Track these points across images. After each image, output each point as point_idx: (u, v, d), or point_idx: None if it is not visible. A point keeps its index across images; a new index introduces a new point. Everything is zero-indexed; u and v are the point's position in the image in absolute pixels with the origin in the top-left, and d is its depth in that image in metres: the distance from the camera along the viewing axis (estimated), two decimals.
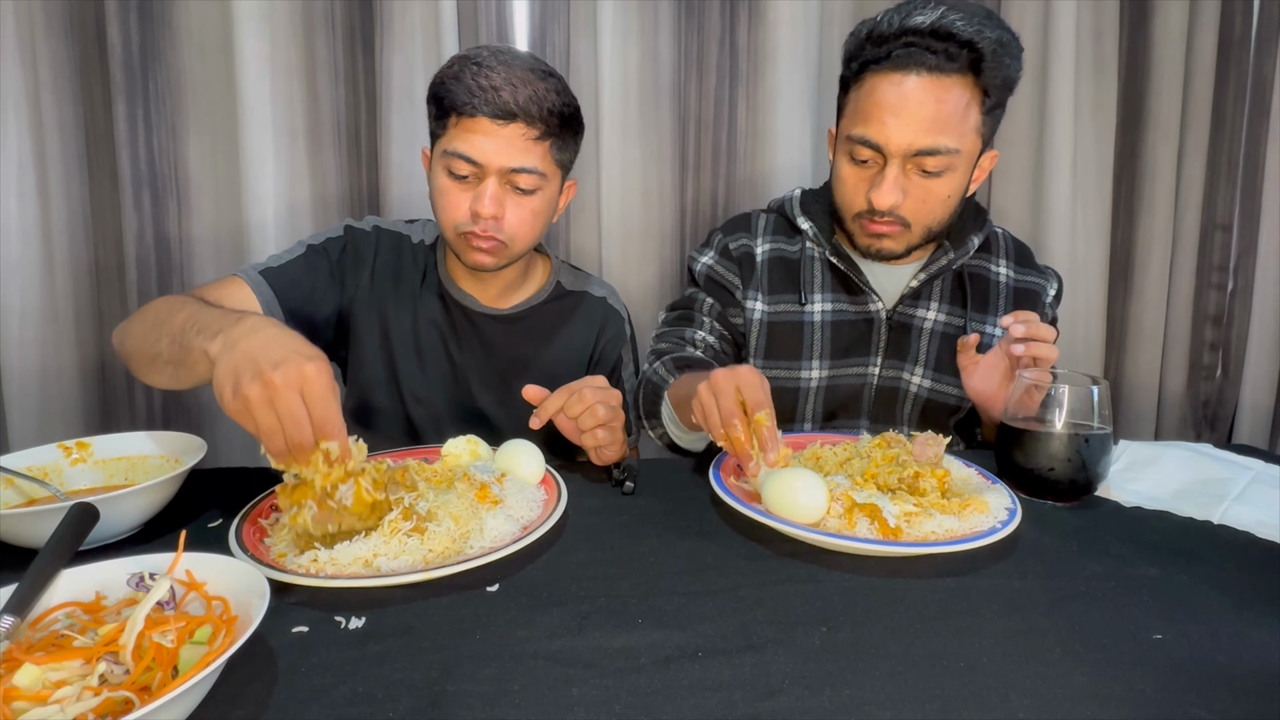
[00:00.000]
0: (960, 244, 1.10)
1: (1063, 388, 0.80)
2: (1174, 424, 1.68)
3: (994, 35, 0.92)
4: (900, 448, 0.80)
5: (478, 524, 0.68)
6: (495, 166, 0.94)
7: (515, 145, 0.94)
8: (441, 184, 0.98)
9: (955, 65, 0.93)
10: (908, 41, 0.93)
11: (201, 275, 1.49)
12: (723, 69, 1.52)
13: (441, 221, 1.00)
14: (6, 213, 1.37)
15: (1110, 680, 0.51)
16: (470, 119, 0.93)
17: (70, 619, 0.51)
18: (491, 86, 0.92)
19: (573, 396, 0.85)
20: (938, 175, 0.98)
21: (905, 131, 0.95)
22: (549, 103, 0.94)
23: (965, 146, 0.97)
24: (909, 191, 0.99)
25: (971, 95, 0.95)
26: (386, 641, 0.54)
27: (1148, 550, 0.70)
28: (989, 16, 0.94)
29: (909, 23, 0.93)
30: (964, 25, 0.92)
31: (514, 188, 0.97)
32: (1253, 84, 1.55)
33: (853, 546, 0.66)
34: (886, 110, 0.95)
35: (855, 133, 0.99)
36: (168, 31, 1.40)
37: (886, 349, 1.11)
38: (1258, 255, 1.59)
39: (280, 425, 0.61)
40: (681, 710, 0.47)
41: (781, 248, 1.15)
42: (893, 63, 0.94)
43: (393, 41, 1.41)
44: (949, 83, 0.94)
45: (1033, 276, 1.16)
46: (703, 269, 1.17)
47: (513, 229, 0.99)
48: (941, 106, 0.94)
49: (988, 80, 0.94)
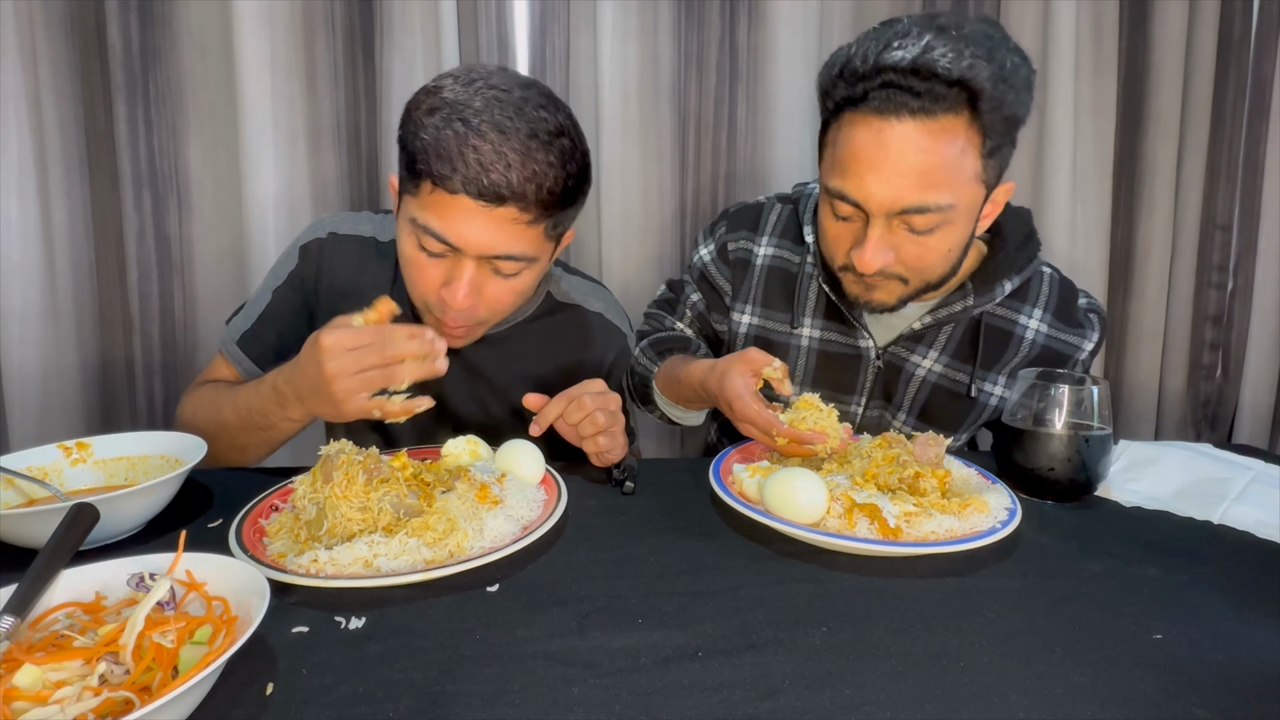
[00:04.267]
0: (986, 289, 0.95)
1: (1063, 388, 0.80)
2: (1174, 424, 1.68)
3: (991, 67, 0.77)
4: (900, 448, 0.80)
5: (478, 524, 0.68)
6: (475, 252, 0.80)
7: (503, 231, 0.78)
8: (409, 253, 0.83)
9: (944, 105, 0.77)
10: (886, 81, 0.78)
11: (202, 275, 1.49)
12: (723, 69, 1.51)
13: (410, 292, 0.89)
14: (6, 213, 1.37)
15: (1110, 680, 0.51)
16: (448, 195, 0.76)
17: (70, 619, 0.51)
18: (479, 163, 0.74)
19: (572, 404, 0.82)
20: (930, 232, 0.84)
21: (887, 189, 0.81)
22: (550, 182, 0.77)
23: (963, 199, 0.83)
24: (899, 248, 0.86)
25: (967, 138, 0.80)
26: (386, 641, 0.54)
27: (1148, 550, 0.70)
28: (985, 40, 0.78)
29: (886, 59, 0.77)
30: (951, 60, 0.76)
31: (495, 270, 0.83)
32: (1253, 84, 1.55)
33: (853, 546, 0.67)
34: (865, 164, 0.81)
35: (833, 186, 0.85)
36: (168, 31, 1.40)
37: (873, 390, 1.02)
38: (1258, 255, 1.59)
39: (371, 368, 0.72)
40: (681, 710, 0.47)
41: (784, 256, 1.04)
42: (870, 105, 0.79)
43: (393, 42, 1.41)
44: (938, 127, 0.78)
45: (1067, 335, 0.99)
46: (698, 263, 1.11)
47: (491, 308, 0.87)
48: (929, 157, 0.79)
49: (986, 120, 0.79)
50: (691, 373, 0.93)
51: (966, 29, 0.79)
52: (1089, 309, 1.02)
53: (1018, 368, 0.98)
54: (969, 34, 0.78)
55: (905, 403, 1.02)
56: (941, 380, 1.00)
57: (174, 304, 1.49)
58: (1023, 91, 0.80)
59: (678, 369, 0.97)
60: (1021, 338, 0.98)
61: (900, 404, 1.02)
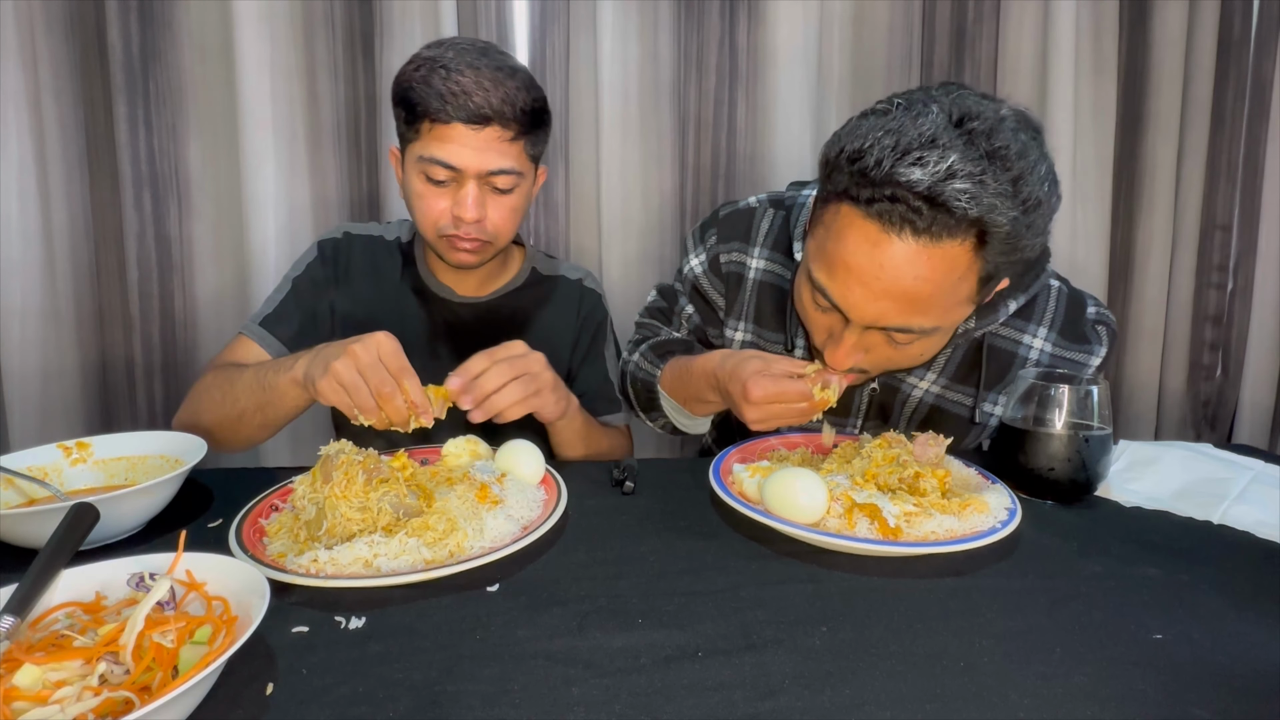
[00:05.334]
0: (990, 310, 0.89)
1: (1063, 388, 0.80)
2: (1174, 424, 1.68)
3: (1013, 209, 0.68)
4: (901, 448, 0.80)
5: (478, 524, 0.68)
6: (474, 171, 0.95)
7: (492, 149, 0.94)
8: (419, 188, 0.98)
9: (953, 233, 0.70)
10: (895, 195, 0.69)
11: (202, 275, 1.49)
12: (723, 69, 1.52)
13: (421, 224, 1.01)
14: (7, 213, 1.37)
15: (1110, 680, 0.51)
16: (444, 125, 0.93)
17: (70, 619, 0.51)
18: (463, 91, 0.91)
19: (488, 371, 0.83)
20: (908, 345, 0.80)
21: (872, 308, 0.75)
22: (521, 102, 0.94)
23: (949, 320, 0.78)
24: (872, 349, 0.81)
25: (969, 265, 0.72)
26: (386, 641, 0.54)
27: (1148, 550, 0.70)
28: (1016, 164, 0.68)
29: (900, 174, 0.68)
30: (970, 198, 0.67)
31: (493, 188, 0.98)
32: (1252, 84, 1.55)
33: (853, 546, 0.66)
34: (854, 275, 0.74)
35: (818, 279, 0.79)
36: (168, 32, 1.40)
37: (868, 411, 0.99)
38: (1258, 255, 1.59)
39: (364, 381, 0.75)
40: (681, 710, 0.47)
41: (776, 272, 1.00)
42: (873, 210, 0.71)
43: (393, 42, 1.41)
44: (940, 253, 0.71)
45: (1073, 353, 0.93)
46: (690, 274, 1.07)
47: (495, 227, 1.00)
48: (923, 285, 0.72)
49: (994, 260, 0.72)
50: (703, 362, 0.92)
51: (998, 142, 0.69)
52: (1098, 320, 0.95)
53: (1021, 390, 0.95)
54: (999, 153, 0.68)
55: (902, 424, 0.99)
56: (940, 401, 0.97)
57: (174, 304, 1.49)
58: (1042, 232, 0.73)
59: (686, 364, 0.96)
60: (1025, 358, 0.94)
61: (897, 425, 1.00)
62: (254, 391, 0.89)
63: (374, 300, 1.10)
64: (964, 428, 0.97)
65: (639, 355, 1.06)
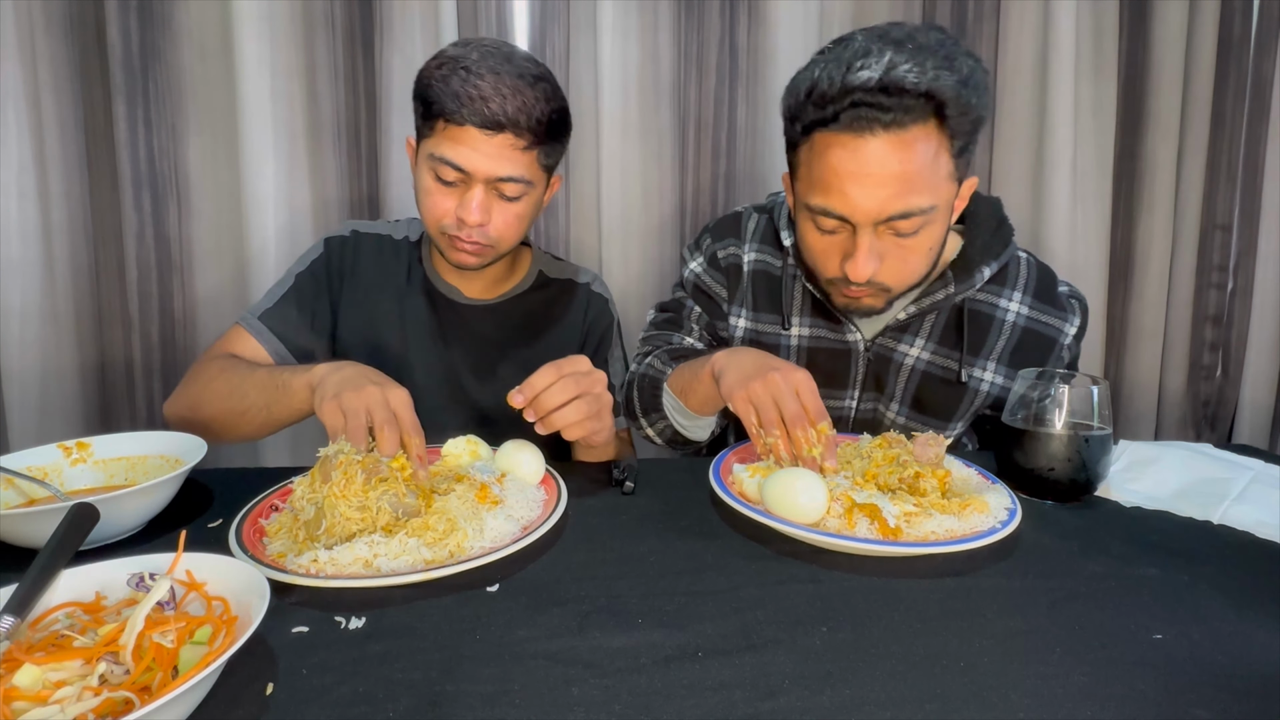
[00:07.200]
0: (965, 276, 0.98)
1: (1063, 388, 0.80)
2: (1174, 424, 1.68)
3: (954, 76, 0.80)
4: (901, 448, 0.80)
5: (478, 524, 0.68)
6: (483, 175, 0.95)
7: (503, 156, 0.94)
8: (427, 185, 0.98)
9: (914, 116, 0.80)
10: (855, 100, 0.80)
11: (202, 275, 1.49)
12: (723, 69, 1.52)
13: (425, 219, 1.01)
14: (6, 213, 1.37)
15: (1110, 680, 0.51)
16: (458, 127, 0.93)
17: (70, 619, 0.51)
18: (480, 96, 0.91)
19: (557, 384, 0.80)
20: (915, 234, 0.87)
21: (871, 200, 0.83)
22: (538, 112, 0.93)
23: (941, 198, 0.86)
24: (886, 254, 0.88)
25: (939, 142, 0.83)
26: (386, 641, 0.54)
27: (1148, 550, 0.70)
28: (941, 49, 0.81)
29: (853, 79, 0.80)
30: (916, 74, 0.79)
31: (500, 194, 0.97)
32: (1253, 84, 1.55)
33: (853, 546, 0.66)
34: (846, 179, 0.84)
35: (815, 203, 0.87)
36: (168, 31, 1.40)
37: (864, 382, 1.04)
38: (1258, 255, 1.59)
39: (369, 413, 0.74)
40: (681, 710, 0.47)
41: (767, 261, 1.08)
42: (842, 125, 0.82)
43: (393, 42, 1.41)
44: (910, 137, 0.81)
45: (1049, 316, 1.02)
46: (690, 277, 1.13)
47: (498, 233, 0.99)
48: (907, 166, 0.82)
49: (954, 126, 0.83)
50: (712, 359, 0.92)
51: (920, 40, 0.81)
52: (1070, 295, 1.05)
53: (1004, 351, 1.01)
54: (926, 45, 0.81)
55: (897, 392, 1.04)
56: (930, 368, 1.02)
57: (174, 304, 1.49)
58: (983, 94, 0.84)
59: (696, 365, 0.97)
60: (1004, 320, 1.01)
61: (893, 394, 1.04)
62: (266, 390, 0.89)
63: (379, 300, 1.10)
64: (955, 391, 1.03)
65: (650, 358, 1.07)
